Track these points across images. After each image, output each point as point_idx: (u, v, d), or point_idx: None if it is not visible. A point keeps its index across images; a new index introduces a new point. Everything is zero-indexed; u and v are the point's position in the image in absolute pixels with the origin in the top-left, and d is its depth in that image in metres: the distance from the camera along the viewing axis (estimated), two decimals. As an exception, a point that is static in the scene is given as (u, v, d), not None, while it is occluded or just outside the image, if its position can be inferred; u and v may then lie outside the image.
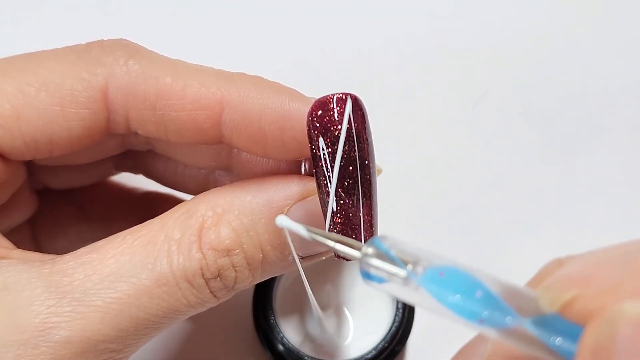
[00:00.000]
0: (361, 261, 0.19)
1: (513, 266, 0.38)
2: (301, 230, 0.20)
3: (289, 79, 0.26)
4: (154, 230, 0.23)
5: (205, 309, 0.24)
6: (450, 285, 0.18)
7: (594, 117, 0.41)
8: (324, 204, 0.22)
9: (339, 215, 0.22)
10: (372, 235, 0.23)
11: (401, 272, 0.18)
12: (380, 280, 0.18)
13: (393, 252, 0.18)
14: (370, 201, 0.23)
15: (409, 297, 0.18)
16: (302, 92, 0.25)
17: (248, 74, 0.25)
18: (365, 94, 0.41)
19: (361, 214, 0.22)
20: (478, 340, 0.22)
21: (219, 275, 0.23)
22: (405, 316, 0.33)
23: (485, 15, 0.44)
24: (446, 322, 0.35)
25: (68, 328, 0.21)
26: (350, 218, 0.22)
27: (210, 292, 0.23)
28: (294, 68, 0.42)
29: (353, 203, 0.22)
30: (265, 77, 0.25)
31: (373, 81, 0.42)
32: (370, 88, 0.42)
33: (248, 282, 0.24)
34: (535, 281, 0.20)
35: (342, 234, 0.22)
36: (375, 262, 0.18)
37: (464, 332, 0.36)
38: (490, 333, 0.18)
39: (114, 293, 0.22)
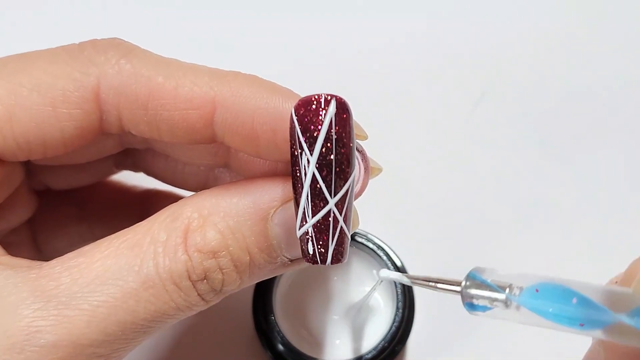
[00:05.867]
0: (462, 294, 0.20)
1: (513, 266, 0.38)
2: (404, 279, 0.23)
3: (289, 79, 0.26)
4: (140, 233, 0.23)
5: (194, 312, 0.24)
6: (547, 299, 0.20)
7: (594, 118, 0.41)
8: (297, 205, 0.22)
9: (309, 217, 0.22)
10: (342, 241, 0.22)
11: (500, 296, 0.20)
12: (484, 309, 0.20)
13: (490, 281, 0.20)
14: (343, 206, 0.22)
15: (513, 318, 0.20)
16: (298, 93, 0.24)
17: (242, 72, 0.24)
18: (365, 94, 0.41)
19: (331, 219, 0.22)
20: (594, 351, 0.23)
21: (205, 277, 0.23)
22: (405, 316, 0.33)
23: (485, 16, 0.44)
24: (446, 321, 0.36)
25: (54, 332, 0.21)
26: (320, 222, 0.22)
27: (198, 294, 0.23)
28: (294, 68, 0.42)
29: (323, 207, 0.22)
30: (262, 77, 0.24)
31: (373, 81, 0.42)
32: (370, 88, 0.42)
33: (236, 285, 0.24)
34: (625, 280, 0.21)
35: (311, 237, 0.22)
36: (475, 291, 0.20)
37: (464, 332, 0.36)
38: (594, 334, 0.19)
39: (100, 296, 0.22)
